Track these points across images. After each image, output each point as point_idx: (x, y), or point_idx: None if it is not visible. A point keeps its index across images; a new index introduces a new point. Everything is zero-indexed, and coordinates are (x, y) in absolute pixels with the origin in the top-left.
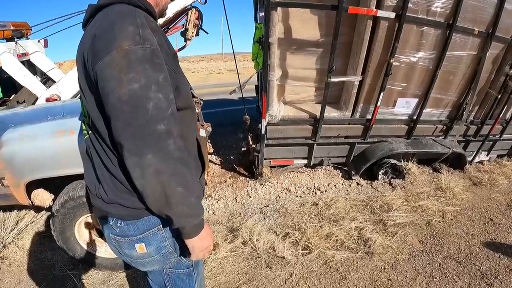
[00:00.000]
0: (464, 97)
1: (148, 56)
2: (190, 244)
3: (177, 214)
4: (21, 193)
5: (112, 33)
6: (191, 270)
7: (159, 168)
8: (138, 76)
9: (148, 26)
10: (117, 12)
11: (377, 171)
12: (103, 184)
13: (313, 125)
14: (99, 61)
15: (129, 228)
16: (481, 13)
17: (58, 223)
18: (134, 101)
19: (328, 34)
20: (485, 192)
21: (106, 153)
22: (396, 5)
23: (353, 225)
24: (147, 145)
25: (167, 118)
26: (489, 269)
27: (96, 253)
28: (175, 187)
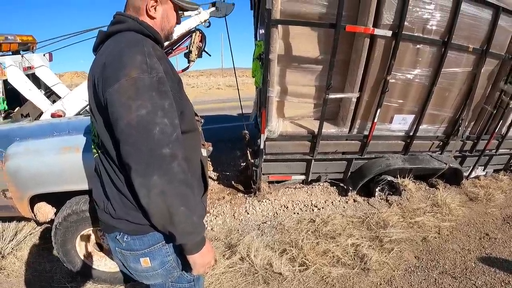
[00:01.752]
0: (460, 112)
1: (155, 84)
2: (192, 259)
3: (180, 232)
4: (24, 206)
5: (121, 61)
6: (192, 285)
7: (164, 189)
8: (145, 103)
9: (155, 55)
10: (127, 41)
11: (374, 188)
12: (111, 200)
13: (311, 141)
14: (109, 87)
15: (135, 243)
16: (476, 30)
17: (60, 235)
18: (142, 126)
19: (326, 52)
20: (481, 207)
21: (115, 171)
22: (393, 24)
23: (350, 242)
24: (153, 167)
25: (172, 142)
26: (485, 284)
27: (96, 267)
28: (179, 207)
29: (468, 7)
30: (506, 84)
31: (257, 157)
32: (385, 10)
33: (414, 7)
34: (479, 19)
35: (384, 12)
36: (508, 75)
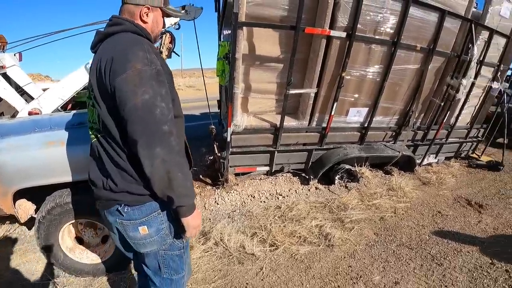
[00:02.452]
0: (410, 105)
1: (154, 75)
2: (186, 222)
3: (177, 194)
4: (8, 202)
5: (127, 57)
6: (182, 252)
7: (164, 158)
8: (148, 90)
9: (152, 52)
10: (128, 40)
11: (333, 176)
12: (112, 177)
13: (273, 133)
14: (117, 77)
15: (134, 213)
16: (423, 31)
17: (44, 229)
18: (146, 108)
19: (287, 51)
20: (434, 190)
21: (116, 151)
22: (347, 26)
23: (314, 223)
24: (155, 140)
25: (169, 122)
26: (439, 252)
27: (79, 260)
28: (176, 173)
29: (416, 11)
30: (452, 79)
31: (224, 150)
32: (340, 14)
33: (366, 11)
34: (426, 21)
35: (339, 15)
36: (454, 70)
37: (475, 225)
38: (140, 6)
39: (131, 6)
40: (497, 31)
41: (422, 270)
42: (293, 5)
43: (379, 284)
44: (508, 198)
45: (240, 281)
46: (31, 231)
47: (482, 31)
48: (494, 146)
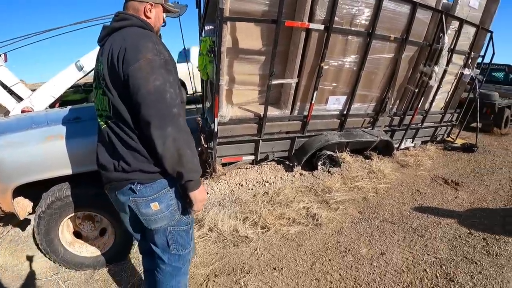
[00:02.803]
0: (386, 92)
1: (163, 64)
2: (193, 196)
3: (187, 169)
4: (7, 199)
5: (138, 48)
6: (189, 227)
7: (175, 137)
8: (158, 77)
9: (160, 43)
10: (138, 33)
11: (316, 162)
12: (124, 158)
13: (258, 123)
14: (130, 66)
15: (146, 190)
16: (396, 22)
17: (44, 224)
18: (158, 92)
19: (269, 44)
20: (412, 171)
21: (128, 134)
22: (325, 19)
23: (301, 206)
24: (167, 121)
25: (177, 105)
26: (420, 225)
27: (78, 253)
28: (186, 150)
29: (389, 3)
30: (425, 66)
31: (211, 141)
32: (318, 8)
33: (342, 4)
34: (399, 13)
35: (317, 9)
36: (426, 59)
37: (452, 201)
38: (144, 2)
39: (136, 3)
40: (466, 21)
41: (405, 242)
42: (274, 1)
43: (366, 255)
44: (482, 176)
45: (236, 262)
46: (25, 232)
47: (452, 21)
48: (469, 130)
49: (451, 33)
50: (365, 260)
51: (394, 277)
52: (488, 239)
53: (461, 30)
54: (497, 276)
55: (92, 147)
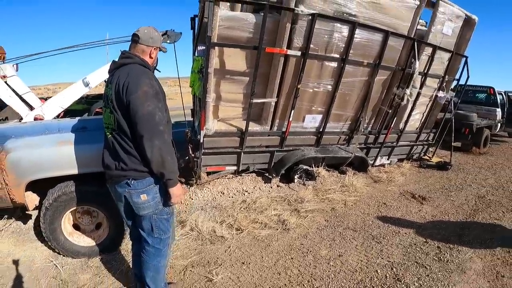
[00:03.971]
0: (360, 112)
1: (155, 94)
2: (172, 191)
3: (168, 171)
4: (21, 192)
5: (138, 81)
6: (169, 217)
7: (160, 147)
8: (151, 104)
9: (153, 79)
10: (139, 70)
11: (293, 176)
12: (123, 160)
13: (240, 137)
14: (131, 95)
15: (138, 185)
16: (369, 49)
17: (49, 215)
18: (150, 115)
19: (252, 67)
20: (383, 186)
21: (127, 143)
22: (302, 46)
23: (274, 213)
24: (155, 135)
25: (163, 124)
26: (379, 234)
27: (76, 243)
28: (167, 157)
29: (362, 32)
30: (398, 89)
31: (198, 151)
32: (296, 36)
33: (317, 33)
34: (372, 41)
35: (295, 37)
36: (399, 82)
37: (415, 213)
38: (150, 47)
39: (144, 47)
40: (440, 47)
41: (363, 246)
42: (257, 29)
43: (325, 256)
44: (450, 191)
45: (211, 257)
46: (26, 225)
47: (426, 47)
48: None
49: (425, 58)
50: (323, 260)
51: (346, 275)
52: (442, 247)
53: (434, 56)
54: (444, 280)
55: (95, 153)
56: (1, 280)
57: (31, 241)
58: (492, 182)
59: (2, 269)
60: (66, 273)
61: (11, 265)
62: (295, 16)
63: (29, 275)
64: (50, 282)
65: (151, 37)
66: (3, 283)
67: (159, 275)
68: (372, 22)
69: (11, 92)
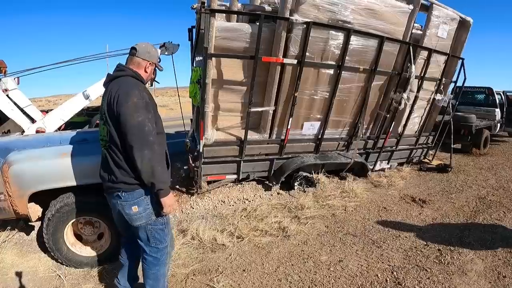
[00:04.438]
0: (358, 118)
1: (145, 105)
2: (163, 201)
3: (157, 181)
4: (24, 203)
5: (128, 93)
6: (164, 227)
7: (150, 157)
8: (141, 115)
9: (144, 90)
10: (130, 82)
11: (293, 183)
12: (115, 173)
13: (239, 146)
14: (121, 106)
15: (129, 197)
16: (365, 55)
17: (52, 226)
18: (139, 126)
19: (249, 76)
20: (383, 191)
21: (117, 155)
22: (297, 54)
23: (274, 220)
24: (145, 146)
25: (153, 135)
26: (380, 238)
27: (79, 253)
28: (157, 167)
29: (357, 38)
30: (395, 93)
31: (197, 160)
32: (291, 45)
33: (313, 42)
34: (367, 47)
35: (291, 46)
36: (396, 86)
37: (416, 217)
38: (146, 61)
39: (140, 60)
40: (435, 50)
41: (363, 251)
42: (253, 38)
43: (325, 262)
44: (451, 194)
45: (213, 265)
46: (29, 236)
47: (421, 51)
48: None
49: (421, 62)
50: (324, 265)
51: (347, 280)
52: (443, 250)
53: (430, 59)
54: (445, 282)
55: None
56: None
57: (34, 251)
58: (493, 182)
59: (6, 280)
60: (69, 283)
61: (14, 276)
62: (290, 25)
63: (33, 285)
64: None
65: (148, 51)
66: None
67: (158, 284)
68: (367, 28)
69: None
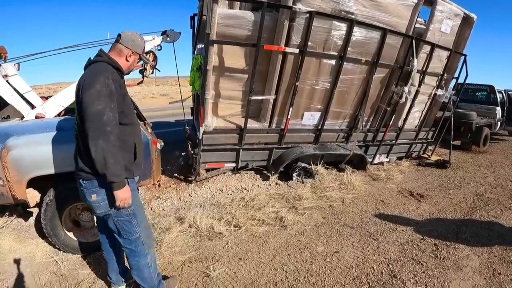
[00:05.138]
0: (359, 110)
1: (108, 93)
2: (115, 194)
3: (109, 173)
4: (22, 188)
5: (94, 79)
6: (130, 219)
7: (104, 148)
8: (101, 103)
9: (110, 78)
10: (99, 68)
11: (292, 173)
12: (78, 160)
13: (239, 134)
14: (84, 92)
15: (88, 185)
16: (367, 46)
17: (50, 211)
18: (98, 114)
19: (250, 64)
20: (381, 184)
21: (81, 143)
22: (299, 43)
23: (272, 210)
24: (100, 135)
25: (112, 125)
26: (376, 231)
27: (75, 238)
28: (110, 159)
29: (359, 30)
30: (396, 87)
31: (197, 147)
32: (294, 34)
33: (315, 31)
34: (369, 38)
35: (293, 35)
36: (398, 79)
37: (413, 211)
38: (128, 49)
39: (123, 47)
40: (438, 45)
41: (359, 243)
42: (256, 26)
43: (322, 252)
44: (449, 189)
45: (209, 252)
46: (27, 222)
47: (424, 45)
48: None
49: (423, 56)
50: (320, 256)
51: (343, 271)
52: (439, 244)
53: (432, 54)
54: (440, 276)
55: None
56: (2, 276)
57: (32, 237)
58: (491, 180)
59: (3, 265)
60: (66, 269)
61: (12, 262)
62: (293, 14)
63: (30, 271)
64: (50, 278)
65: (132, 40)
66: (4, 279)
67: (143, 273)
68: (370, 20)
69: (12, 91)
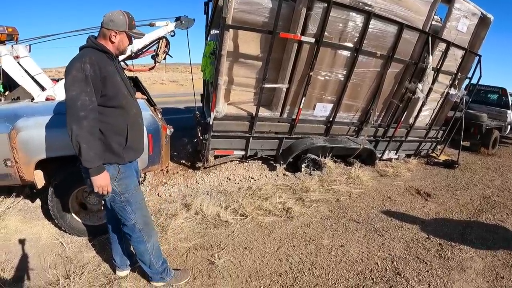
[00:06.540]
0: (371, 104)
1: (84, 78)
2: (92, 180)
3: (83, 158)
4: (30, 170)
5: (71, 66)
6: (124, 205)
7: (77, 133)
8: (76, 88)
9: (88, 62)
10: (79, 54)
11: (300, 165)
12: None
13: (249, 121)
14: (64, 79)
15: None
16: (383, 40)
17: (57, 194)
18: (72, 100)
19: (265, 51)
20: (389, 181)
21: None
22: (316, 33)
23: (278, 200)
24: (73, 121)
25: (87, 110)
26: (382, 227)
27: (82, 221)
28: (83, 144)
29: (376, 23)
30: (410, 83)
31: (206, 133)
32: (310, 23)
33: (332, 21)
34: (386, 32)
35: (310, 24)
36: (412, 75)
37: (419, 209)
38: (110, 30)
39: (105, 30)
40: (453, 44)
41: (365, 239)
42: (272, 14)
43: (327, 246)
44: (456, 190)
45: (215, 240)
46: (34, 203)
47: (439, 42)
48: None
49: (438, 54)
50: (325, 249)
51: (347, 265)
52: (444, 244)
53: (448, 52)
54: (444, 276)
55: None
56: (8, 256)
57: (38, 218)
58: (499, 183)
59: (9, 245)
60: (71, 251)
61: (17, 242)
62: (311, 2)
63: (35, 252)
64: (55, 259)
65: (111, 19)
66: (10, 259)
67: (144, 258)
68: (387, 13)
69: (23, 73)
